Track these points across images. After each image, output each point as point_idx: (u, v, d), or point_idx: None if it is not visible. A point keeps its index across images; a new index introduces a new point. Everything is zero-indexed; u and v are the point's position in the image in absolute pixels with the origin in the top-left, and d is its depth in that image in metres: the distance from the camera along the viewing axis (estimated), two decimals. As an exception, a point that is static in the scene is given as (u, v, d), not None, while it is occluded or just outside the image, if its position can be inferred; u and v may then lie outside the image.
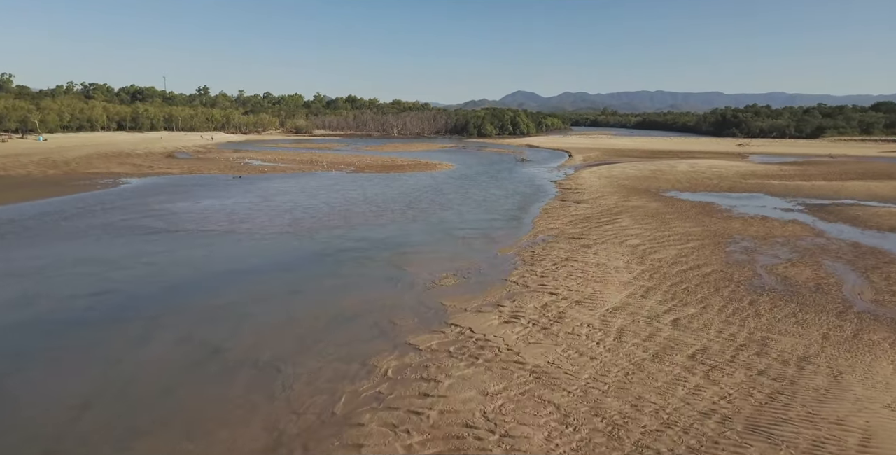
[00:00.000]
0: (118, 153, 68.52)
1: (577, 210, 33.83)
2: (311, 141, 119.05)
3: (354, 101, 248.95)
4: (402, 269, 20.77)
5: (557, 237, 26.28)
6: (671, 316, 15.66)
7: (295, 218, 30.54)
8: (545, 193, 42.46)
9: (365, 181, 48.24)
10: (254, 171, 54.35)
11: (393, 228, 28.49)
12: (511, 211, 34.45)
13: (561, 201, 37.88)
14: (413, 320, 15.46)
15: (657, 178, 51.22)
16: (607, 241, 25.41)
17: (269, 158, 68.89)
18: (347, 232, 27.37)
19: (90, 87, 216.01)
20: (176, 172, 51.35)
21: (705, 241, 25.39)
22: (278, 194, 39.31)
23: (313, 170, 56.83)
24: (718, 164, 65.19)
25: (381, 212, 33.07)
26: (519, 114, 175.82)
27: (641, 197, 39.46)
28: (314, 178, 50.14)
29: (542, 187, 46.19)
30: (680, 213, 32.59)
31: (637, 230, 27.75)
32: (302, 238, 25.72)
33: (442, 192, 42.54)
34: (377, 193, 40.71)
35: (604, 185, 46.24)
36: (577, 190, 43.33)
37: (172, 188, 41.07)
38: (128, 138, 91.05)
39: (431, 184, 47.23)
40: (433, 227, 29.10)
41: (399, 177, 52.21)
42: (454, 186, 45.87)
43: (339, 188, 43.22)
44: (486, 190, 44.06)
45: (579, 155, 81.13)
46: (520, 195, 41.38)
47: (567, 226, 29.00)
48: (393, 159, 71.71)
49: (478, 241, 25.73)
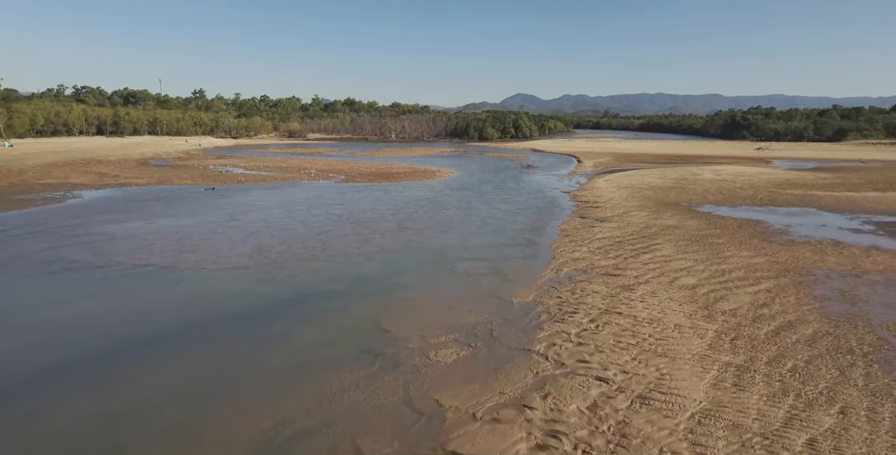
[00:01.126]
0: (88, 160, 62.98)
1: (602, 231, 28.18)
2: (304, 145, 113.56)
3: (353, 104, 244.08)
4: (385, 330, 15.13)
5: (587, 273, 20.64)
6: (800, 434, 9.97)
7: (260, 245, 24.92)
8: (560, 208, 36.84)
9: (354, 193, 42.64)
10: (231, 181, 48.78)
11: (379, 260, 22.85)
12: (523, 232, 28.82)
13: (580, 218, 32.27)
14: (390, 448, 9.77)
15: (683, 188, 45.56)
16: (652, 278, 19.76)
17: (252, 166, 63.34)
18: (322, 266, 21.73)
19: (81, 89, 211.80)
20: (142, 183, 45.77)
21: (780, 279, 19.71)
22: (250, 211, 33.71)
23: (298, 179, 51.25)
24: (744, 170, 59.52)
25: (367, 235, 27.45)
26: (521, 116, 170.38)
27: (673, 213, 33.82)
28: (297, 189, 44.54)
29: (555, 200, 40.58)
30: (729, 236, 26.93)
31: (685, 261, 22.11)
32: (260, 277, 20.09)
33: (441, 206, 36.94)
34: (366, 209, 35.10)
35: (625, 197, 40.60)
36: (596, 203, 37.71)
37: (129, 203, 35.48)
38: (105, 144, 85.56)
39: (429, 196, 41.63)
40: (429, 257, 23.48)
41: (393, 187, 46.63)
42: (455, 199, 40.27)
43: (323, 202, 37.61)
44: (491, 204, 38.45)
45: (589, 160, 75.54)
46: (531, 210, 35.76)
47: (596, 254, 23.35)
48: (388, 166, 66.17)
49: (486, 279, 20.10)
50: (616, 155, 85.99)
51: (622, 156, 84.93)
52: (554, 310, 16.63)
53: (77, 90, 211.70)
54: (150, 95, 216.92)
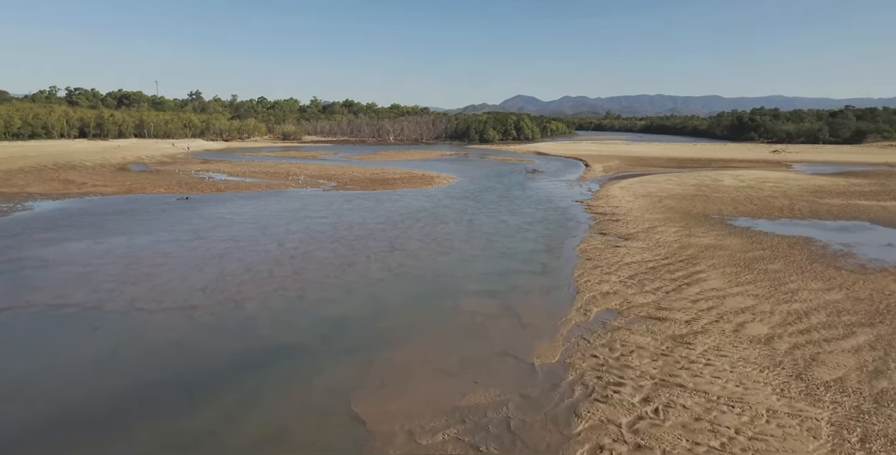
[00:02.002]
0: (61, 166, 58.58)
1: (630, 253, 23.81)
2: (298, 148, 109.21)
3: (351, 106, 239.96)
4: (357, 418, 10.75)
5: (624, 315, 16.28)
6: None
7: (221, 273, 20.55)
8: (574, 221, 32.48)
9: (343, 203, 38.28)
10: (210, 189, 44.40)
11: (362, 295, 18.49)
12: (536, 253, 24.46)
13: (601, 235, 27.91)
14: None
15: (708, 197, 41.19)
16: (710, 325, 15.39)
17: (237, 171, 58.97)
18: (289, 305, 17.37)
19: (74, 91, 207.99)
20: (109, 192, 41.40)
21: (879, 327, 15.32)
22: (221, 226, 29.35)
23: (284, 187, 46.88)
24: (768, 176, 55.15)
25: (351, 258, 23.09)
26: (523, 118, 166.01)
27: (707, 228, 29.45)
28: (280, 199, 40.18)
29: (568, 211, 36.22)
30: (783, 260, 22.56)
31: (743, 298, 17.73)
32: (206, 323, 15.72)
33: (440, 219, 32.58)
34: (354, 224, 30.74)
35: (646, 207, 36.25)
36: (615, 215, 33.36)
37: (83, 218, 31.09)
38: (85, 147, 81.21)
39: (427, 207, 37.28)
40: (425, 290, 19.13)
41: (388, 196, 42.27)
42: (455, 210, 35.91)
43: (306, 215, 33.25)
44: (496, 216, 34.10)
45: (597, 164, 71.19)
46: (542, 224, 31.40)
47: (629, 286, 18.98)
48: (384, 171, 61.83)
49: (496, 325, 15.75)
50: (625, 158, 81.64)
51: (631, 159, 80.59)
52: (591, 379, 12.25)
53: (70, 92, 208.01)
54: (144, 97, 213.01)
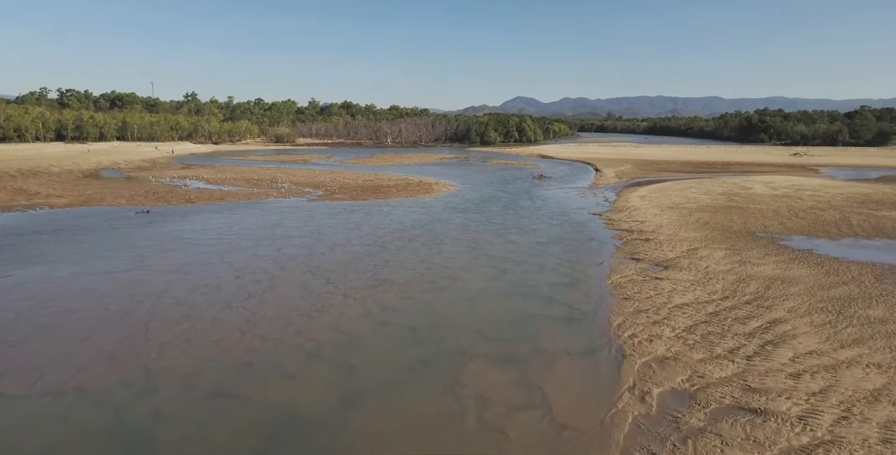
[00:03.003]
0: (23, 172, 53.45)
1: (677, 288, 18.72)
2: (290, 151, 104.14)
3: (350, 107, 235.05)
4: None
5: (700, 403, 11.19)
6: None
7: (147, 324, 15.49)
8: (596, 240, 27.40)
9: (327, 217, 33.21)
10: (179, 199, 39.29)
11: (327, 364, 13.41)
12: (558, 289, 19.39)
13: (633, 261, 22.85)
14: None
15: (744, 209, 36.09)
16: (843, 429, 10.28)
17: (217, 178, 53.88)
18: (223, 381, 12.27)
19: (66, 93, 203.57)
20: (62, 203, 36.30)
21: None
22: (173, 250, 24.27)
23: (264, 196, 41.78)
24: (801, 182, 50.02)
25: (323, 298, 18.02)
26: (525, 119, 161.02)
27: (760, 250, 24.35)
28: (256, 211, 35.11)
29: (587, 226, 31.14)
30: (885, 303, 17.45)
31: (864, 370, 12.65)
32: (88, 421, 10.62)
33: (437, 238, 27.50)
34: (335, 246, 25.65)
35: (677, 222, 31.16)
36: (643, 233, 28.29)
37: (7, 238, 25.96)
38: (59, 151, 76.09)
39: (423, 222, 32.20)
40: (415, 354, 14.06)
41: (379, 208, 37.20)
42: (456, 227, 30.83)
43: (280, 234, 28.17)
44: (503, 233, 29.02)
45: (609, 169, 66.09)
46: (559, 245, 26.31)
47: (694, 348, 13.89)
48: (378, 177, 56.77)
49: (516, 423, 10.64)
50: (637, 162, 76.54)
51: (644, 163, 75.49)
52: None
53: (62, 93, 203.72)
54: (137, 98, 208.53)
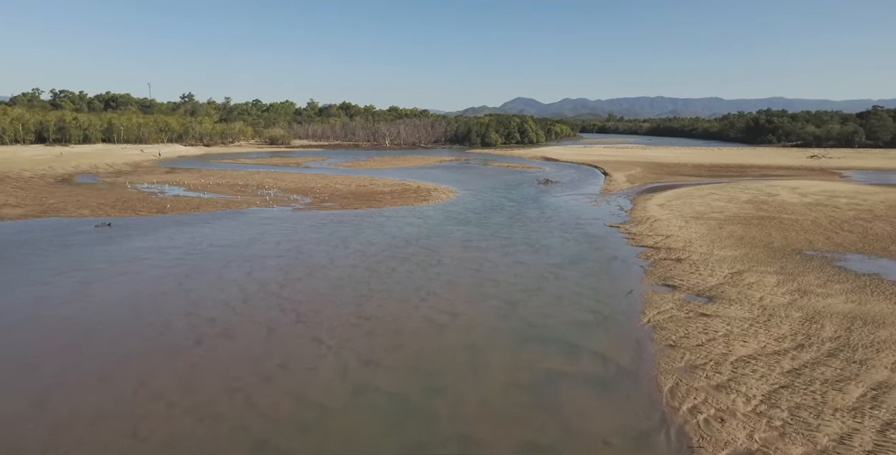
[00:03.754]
0: (-10, 178, 49.79)
1: (733, 331, 14.99)
2: (284, 154, 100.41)
3: (348, 109, 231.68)
4: None
5: None
6: None
7: (44, 393, 11.74)
8: (620, 259, 23.67)
9: (312, 230, 29.47)
10: (150, 209, 35.55)
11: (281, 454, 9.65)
12: (584, 330, 15.66)
13: (668, 288, 19.14)
14: None
15: (779, 220, 32.32)
16: None
17: (199, 184, 50.12)
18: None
19: (60, 94, 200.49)
20: (16, 215, 32.52)
21: None
22: (124, 274, 20.55)
23: (245, 205, 38.04)
24: (832, 188, 46.23)
25: (293, 346, 14.30)
26: (527, 120, 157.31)
27: (816, 274, 20.58)
28: (234, 223, 31.38)
29: (605, 241, 27.40)
30: None
31: None
32: None
33: (435, 258, 23.77)
34: (315, 268, 21.92)
35: (707, 236, 27.41)
36: (671, 250, 24.57)
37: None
38: (36, 155, 72.20)
39: (419, 236, 28.46)
40: (400, 436, 10.28)
41: (371, 218, 33.49)
42: (456, 243, 27.09)
43: (254, 252, 24.45)
44: (511, 252, 25.26)
45: (618, 173, 62.33)
46: (577, 267, 22.57)
47: (787, 439, 10.16)
48: (373, 181, 53.07)
49: None
50: (646, 165, 72.79)
51: (654, 166, 71.73)
52: None
53: (55, 94, 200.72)
54: (132, 100, 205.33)
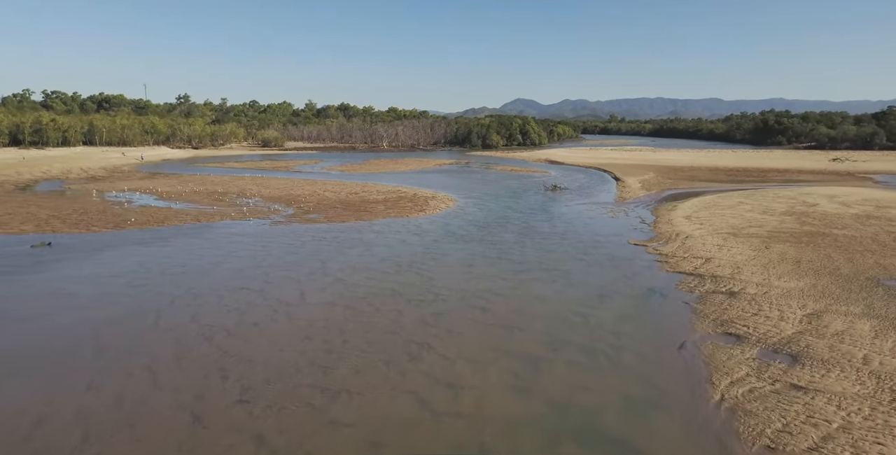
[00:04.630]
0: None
1: (854, 425, 10.54)
2: (275, 157, 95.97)
3: (347, 110, 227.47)
4: None
5: None
6: None
7: None
8: (658, 293, 19.23)
9: (287, 253, 25.03)
10: (109, 223, 31.10)
11: None
12: (636, 415, 11.22)
13: (731, 339, 14.71)
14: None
15: (828, 235, 27.85)
16: None
17: (174, 192, 45.67)
18: None
19: (52, 94, 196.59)
20: (-52, 232, 28.16)
21: None
22: (30, 319, 16.13)
23: (218, 218, 33.60)
24: (873, 196, 41.76)
25: (227, 450, 9.80)
26: (529, 122, 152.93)
27: (916, 319, 16.14)
28: (200, 241, 26.94)
29: (633, 266, 22.94)
30: None
31: None
32: None
33: (431, 291, 19.33)
34: (278, 309, 17.45)
35: (755, 259, 22.96)
36: (718, 279, 20.14)
37: None
38: (8, 157, 68.03)
39: (412, 259, 24.01)
40: None
41: (360, 234, 29.06)
42: (457, 269, 22.63)
43: (210, 284, 20.02)
44: (524, 281, 20.80)
45: (630, 179, 57.89)
46: (607, 305, 18.14)
47: None
48: (366, 188, 48.67)
49: None
50: (658, 169, 68.33)
51: (666, 170, 67.28)
52: None
53: (46, 95, 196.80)
54: (126, 101, 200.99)
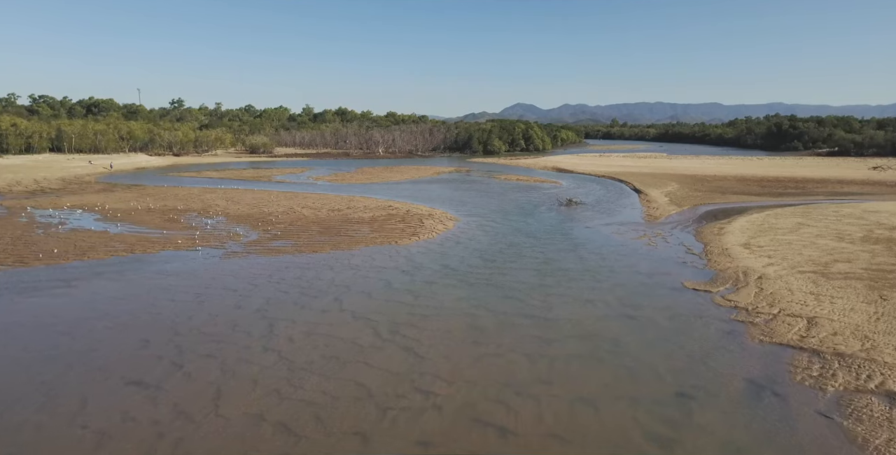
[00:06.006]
0: None
1: None
2: (262, 165, 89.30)
3: (345, 114, 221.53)
4: None
5: None
6: None
7: None
8: (769, 391, 12.48)
9: (225, 308, 18.27)
10: (12, 254, 24.35)
11: None
12: None
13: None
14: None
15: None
16: None
17: (125, 209, 38.90)
18: None
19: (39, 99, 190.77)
20: None
21: None
22: None
23: (161, 247, 26.80)
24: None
25: None
26: (532, 126, 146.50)
27: None
28: (113, 287, 20.19)
29: (707, 332, 16.20)
30: None
31: None
32: None
33: (421, 385, 12.58)
34: (165, 435, 10.66)
35: (883, 318, 16.22)
36: (846, 360, 13.43)
37: None
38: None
39: (395, 318, 17.22)
40: None
41: (332, 273, 22.31)
42: (458, 335, 15.84)
43: (77, 380, 13.26)
44: (560, 365, 14.03)
45: (653, 190, 51.16)
46: (692, 418, 11.37)
47: None
48: (352, 203, 41.95)
49: None
50: (681, 179, 61.56)
51: (691, 180, 60.51)
52: None
53: (34, 99, 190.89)
54: (115, 105, 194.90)
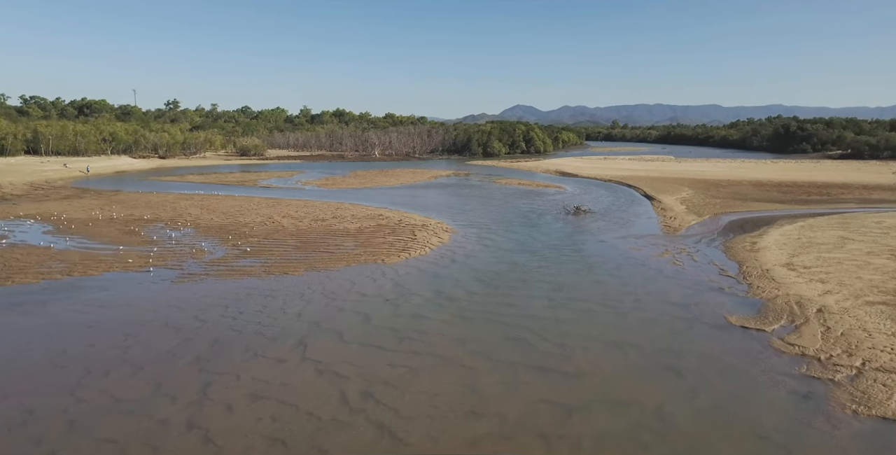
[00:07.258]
0: None
1: None
2: (251, 168, 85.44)
3: (342, 115, 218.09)
4: None
5: None
6: None
7: None
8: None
9: (152, 360, 14.43)
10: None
11: None
12: None
13: None
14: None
15: None
16: None
17: (84, 219, 35.01)
18: None
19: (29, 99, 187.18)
20: None
21: None
22: None
23: (105, 269, 22.94)
24: None
25: None
26: (532, 128, 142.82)
27: None
28: (24, 323, 16.36)
29: (775, 395, 12.39)
30: None
31: None
32: None
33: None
34: None
35: None
36: None
37: None
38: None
39: (370, 372, 13.37)
40: None
41: (302, 300, 18.48)
42: (451, 397, 11.96)
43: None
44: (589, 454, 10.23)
45: (667, 197, 47.34)
46: None
47: None
48: (339, 211, 38.12)
49: None
50: (694, 184, 57.75)
51: (704, 185, 56.70)
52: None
53: (24, 100, 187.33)
54: (108, 106, 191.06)
